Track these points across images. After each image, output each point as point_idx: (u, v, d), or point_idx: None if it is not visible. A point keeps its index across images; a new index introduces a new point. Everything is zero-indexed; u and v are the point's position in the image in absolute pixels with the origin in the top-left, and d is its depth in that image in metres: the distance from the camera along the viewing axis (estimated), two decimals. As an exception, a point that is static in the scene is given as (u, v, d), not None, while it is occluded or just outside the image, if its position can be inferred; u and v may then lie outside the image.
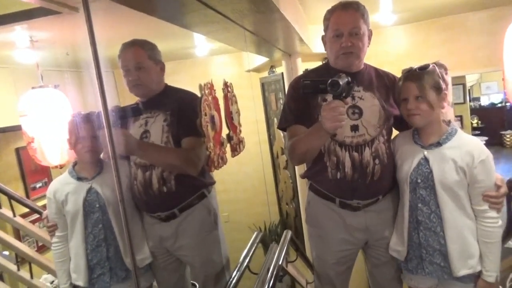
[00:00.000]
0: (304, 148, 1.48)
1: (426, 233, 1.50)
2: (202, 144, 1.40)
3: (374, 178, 1.53)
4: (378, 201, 1.59)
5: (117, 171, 0.78)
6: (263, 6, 1.63)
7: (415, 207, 1.51)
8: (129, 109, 1.50)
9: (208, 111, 1.33)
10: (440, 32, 4.47)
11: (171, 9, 1.53)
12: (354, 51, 1.51)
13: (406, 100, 1.47)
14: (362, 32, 1.51)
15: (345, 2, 1.54)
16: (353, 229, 1.60)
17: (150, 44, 1.72)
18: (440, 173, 1.45)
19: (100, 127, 1.47)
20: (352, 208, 1.58)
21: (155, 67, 1.71)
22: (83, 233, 1.70)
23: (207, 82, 1.38)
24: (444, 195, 1.45)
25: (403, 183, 1.53)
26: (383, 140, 1.57)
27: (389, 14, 3.79)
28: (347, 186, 1.53)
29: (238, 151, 1.62)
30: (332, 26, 1.52)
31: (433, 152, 1.49)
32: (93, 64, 0.69)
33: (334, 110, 1.29)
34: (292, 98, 1.61)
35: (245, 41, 2.33)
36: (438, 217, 1.48)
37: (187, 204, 1.69)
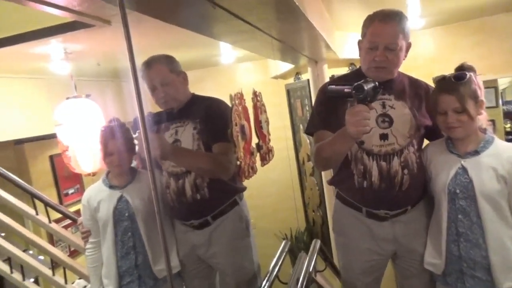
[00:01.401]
0: (328, 153, 1.46)
1: (467, 245, 1.44)
2: (233, 149, 1.43)
3: (403, 188, 1.50)
4: (406, 211, 1.56)
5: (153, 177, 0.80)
6: (290, 15, 1.63)
7: (455, 219, 1.46)
8: (164, 114, 1.55)
9: (238, 121, 1.34)
10: (469, 35, 4.34)
11: (200, 21, 1.55)
12: (386, 66, 1.48)
13: (444, 113, 1.42)
14: (399, 47, 1.46)
15: (387, 13, 1.47)
16: (380, 239, 1.57)
17: (168, 58, 1.76)
18: (480, 183, 1.40)
19: (135, 133, 1.52)
20: (379, 218, 1.55)
21: (178, 79, 1.75)
22: (113, 240, 1.75)
23: (237, 92, 1.39)
24: (486, 205, 1.40)
25: (440, 194, 1.48)
26: (413, 150, 1.53)
27: (417, 18, 3.73)
28: (373, 196, 1.50)
29: (267, 160, 1.63)
30: (369, 37, 1.48)
31: (471, 161, 1.44)
32: (131, 72, 0.71)
33: (357, 114, 1.26)
34: (321, 104, 1.60)
35: (272, 49, 2.34)
36: (480, 228, 1.42)
37: (220, 211, 1.71)
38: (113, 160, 1.74)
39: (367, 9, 3.02)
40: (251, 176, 1.47)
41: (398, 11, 1.48)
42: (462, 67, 1.48)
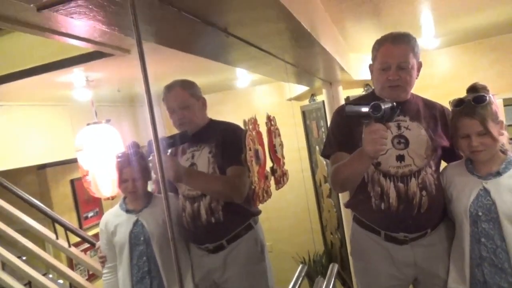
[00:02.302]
0: (346, 173, 1.45)
1: (492, 270, 1.39)
2: (246, 172, 1.44)
3: (421, 210, 1.47)
4: (426, 234, 1.52)
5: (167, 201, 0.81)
6: (304, 41, 1.67)
7: (478, 242, 1.41)
8: (178, 136, 1.59)
9: (252, 146, 1.36)
10: (487, 54, 4.31)
11: (214, 49, 1.61)
12: (400, 84, 1.49)
13: (467, 137, 1.40)
14: (411, 66, 1.49)
15: (396, 35, 1.52)
16: (400, 263, 1.53)
17: (189, 83, 1.82)
18: (504, 205, 1.36)
19: (150, 156, 1.56)
20: (398, 242, 1.52)
21: (197, 103, 1.80)
22: (129, 265, 1.76)
23: (251, 118, 1.42)
24: (510, 228, 1.36)
25: (462, 216, 1.44)
26: (431, 171, 1.52)
27: (431, 38, 3.73)
28: (392, 218, 1.48)
29: (282, 183, 1.64)
30: (380, 58, 1.51)
31: (493, 182, 1.40)
32: (146, 98, 0.74)
33: (375, 133, 1.26)
34: (337, 125, 1.61)
35: (286, 73, 2.37)
36: (505, 252, 1.37)
37: (234, 235, 1.71)
38: (128, 187, 1.78)
39: (380, 31, 3.04)
40: (265, 200, 1.47)
41: (406, 32, 1.52)
42: (474, 87, 1.47)
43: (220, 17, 1.18)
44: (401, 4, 2.41)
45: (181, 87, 1.78)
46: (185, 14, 1.08)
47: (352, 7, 2.31)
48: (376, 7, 2.42)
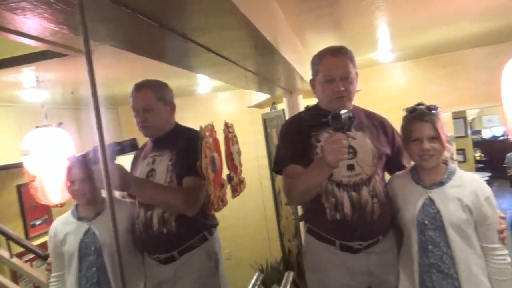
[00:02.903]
0: (304, 185, 1.46)
1: (439, 276, 1.45)
2: (202, 186, 1.38)
3: (374, 217, 1.51)
4: (379, 241, 1.56)
5: (112, 209, 0.77)
6: (264, 50, 1.67)
7: (425, 249, 1.47)
8: (127, 143, 1.51)
9: (208, 153, 1.33)
10: (440, 69, 4.55)
11: (174, 54, 1.57)
12: (346, 95, 1.54)
13: (418, 140, 1.45)
14: (352, 76, 1.55)
15: (334, 48, 1.58)
16: (355, 272, 1.55)
17: (160, 86, 1.74)
18: (448, 213, 1.43)
19: (96, 163, 1.46)
20: (353, 251, 1.54)
21: (164, 108, 1.72)
22: (77, 276, 1.67)
23: (207, 124, 1.39)
24: (454, 235, 1.43)
25: (409, 225, 1.50)
26: (379, 178, 1.57)
27: (387, 52, 3.88)
28: (347, 227, 1.50)
29: (238, 191, 1.61)
30: (323, 72, 1.55)
31: (437, 192, 1.47)
32: (92, 100, 0.71)
33: (336, 142, 1.28)
34: (287, 139, 1.63)
35: (246, 81, 2.37)
36: (451, 258, 1.44)
37: (187, 246, 1.65)
38: (74, 189, 1.68)
39: (340, 43, 3.13)
40: (220, 209, 1.44)
41: (342, 45, 1.59)
42: (421, 104, 1.54)
43: (178, 22, 1.15)
44: (359, 18, 2.49)
45: (150, 89, 1.70)
46: (141, 16, 1.04)
47: (312, 19, 2.35)
48: (335, 20, 2.49)
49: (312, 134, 1.57)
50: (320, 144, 1.55)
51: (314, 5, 2.06)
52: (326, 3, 2.07)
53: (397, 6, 2.32)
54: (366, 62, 4.41)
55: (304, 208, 1.64)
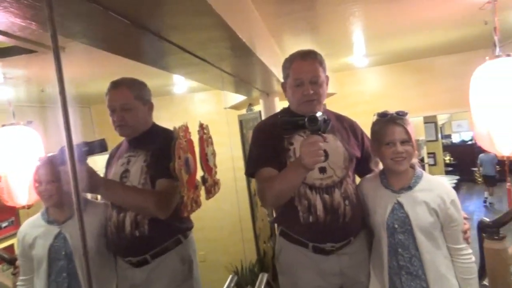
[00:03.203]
0: (280, 187, 1.46)
1: (408, 278, 1.48)
2: (175, 188, 1.35)
3: (346, 219, 1.53)
4: (350, 243, 1.58)
5: (79, 212, 0.75)
6: (240, 51, 1.67)
7: (395, 252, 1.50)
8: (96, 144, 1.46)
9: (182, 155, 1.32)
10: (412, 74, 4.68)
11: (148, 53, 1.55)
12: (315, 98, 1.55)
13: (391, 143, 1.47)
14: (322, 79, 1.57)
15: (303, 52, 1.60)
16: (327, 274, 1.57)
17: (138, 84, 1.70)
18: (416, 216, 1.46)
19: (63, 164, 1.40)
20: (325, 252, 1.55)
21: (142, 108, 1.68)
22: (46, 281, 1.61)
23: (182, 125, 1.37)
24: (422, 238, 1.46)
25: (380, 228, 1.52)
26: (350, 181, 1.60)
27: (361, 57, 3.96)
28: (320, 229, 1.51)
29: (213, 193, 1.60)
30: (293, 75, 1.57)
31: (405, 196, 1.50)
32: (60, 98, 0.69)
33: (313, 145, 1.29)
34: (259, 142, 1.62)
35: (222, 82, 2.36)
36: (419, 261, 1.47)
37: (160, 250, 1.61)
38: (42, 190, 1.62)
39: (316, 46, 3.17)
40: (194, 211, 1.42)
41: (312, 49, 1.61)
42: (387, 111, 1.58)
43: (152, 21, 1.14)
44: (335, 23, 2.53)
45: (127, 87, 1.65)
46: (113, 14, 1.02)
47: (289, 22, 2.37)
48: (311, 24, 2.52)
49: (284, 137, 1.57)
50: (292, 147, 1.56)
51: (291, 9, 2.08)
52: (303, 7, 2.10)
53: (371, 13, 2.37)
54: (341, 66, 4.48)
55: (277, 211, 1.64)
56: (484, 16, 2.40)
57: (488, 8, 2.29)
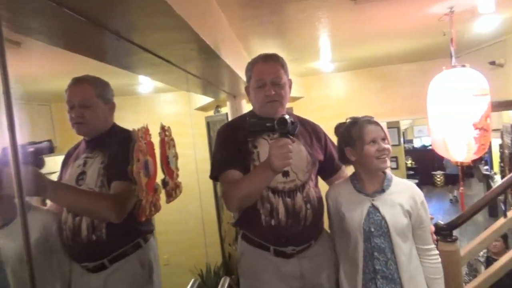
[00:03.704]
0: (246, 190, 1.44)
1: (384, 282, 1.49)
2: (132, 191, 1.28)
3: (307, 223, 1.54)
4: (311, 246, 1.60)
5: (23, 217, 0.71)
6: (204, 53, 1.66)
7: (371, 256, 1.50)
8: (42, 146, 1.40)
9: (141, 157, 1.28)
10: (375, 81, 4.82)
11: (108, 52, 1.50)
12: (277, 99, 1.56)
13: (374, 142, 1.48)
14: (283, 81, 1.58)
15: (265, 55, 1.61)
16: (288, 277, 1.57)
17: (102, 83, 1.65)
18: (392, 219, 1.48)
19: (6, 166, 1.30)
20: (286, 256, 1.56)
21: (103, 107, 1.63)
22: None
23: (141, 127, 1.34)
24: (399, 240, 1.48)
25: (356, 233, 1.51)
26: (313, 184, 1.61)
27: (327, 63, 4.03)
28: (281, 233, 1.52)
29: (173, 196, 1.56)
30: (255, 77, 1.58)
31: (380, 199, 1.52)
32: (4, 98, 0.65)
33: (283, 147, 1.29)
34: (223, 144, 1.61)
35: (188, 83, 2.33)
36: (394, 263, 1.49)
37: (118, 254, 1.56)
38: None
39: (283, 50, 3.20)
40: (153, 214, 1.38)
41: (274, 53, 1.63)
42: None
43: (109, 20, 1.10)
44: (301, 28, 2.57)
45: (90, 84, 1.60)
46: (67, 11, 0.98)
47: (256, 26, 2.38)
48: (278, 28, 2.54)
49: (248, 140, 1.57)
50: (256, 150, 1.56)
51: (257, 12, 2.09)
52: (269, 11, 2.11)
53: (337, 19, 2.42)
54: (308, 71, 4.55)
55: (239, 214, 1.63)
56: (442, 27, 2.51)
57: (446, 19, 2.40)
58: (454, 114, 2.21)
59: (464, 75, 2.27)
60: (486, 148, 2.31)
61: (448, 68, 2.36)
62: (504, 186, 2.07)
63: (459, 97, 2.20)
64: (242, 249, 1.64)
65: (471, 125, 2.19)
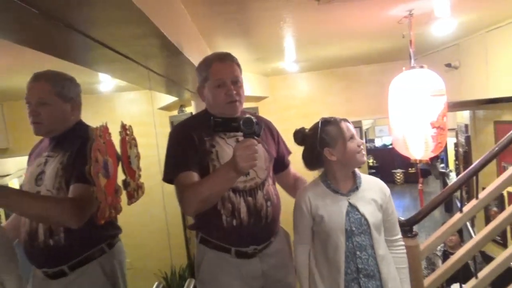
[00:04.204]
0: (208, 193, 1.38)
1: (366, 280, 1.50)
2: (91, 193, 1.21)
3: (268, 220, 1.54)
4: (271, 243, 1.59)
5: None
6: (166, 50, 1.61)
7: (353, 255, 1.50)
8: None
9: (100, 157, 1.23)
10: (338, 81, 4.93)
11: (65, 48, 1.42)
12: (238, 99, 1.55)
13: (352, 138, 1.50)
14: (241, 81, 1.58)
15: (221, 54, 1.59)
16: (250, 278, 1.55)
17: (61, 79, 1.57)
18: (370, 215, 1.51)
19: None
20: (248, 256, 1.54)
21: (63, 105, 1.55)
22: None
23: (100, 125, 1.28)
24: (377, 235, 1.51)
25: (337, 234, 1.49)
26: (271, 181, 1.62)
27: (292, 63, 4.07)
28: (243, 233, 1.50)
29: (135, 197, 1.51)
30: (214, 77, 1.54)
31: (355, 197, 1.53)
32: None
33: (248, 148, 1.26)
34: (179, 145, 1.54)
35: (150, 81, 2.27)
36: (374, 259, 1.51)
37: (79, 260, 1.48)
38: None
39: (249, 49, 3.19)
40: (113, 217, 1.32)
41: (228, 52, 1.60)
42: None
43: (64, 12, 1.04)
44: (266, 27, 2.56)
45: (46, 80, 1.52)
46: (18, 1, 0.91)
47: (220, 23, 2.35)
48: (243, 27, 2.52)
49: (205, 140, 1.53)
50: (215, 150, 1.52)
51: (221, 9, 2.06)
52: (234, 9, 2.09)
53: (300, 20, 2.44)
54: (273, 71, 4.57)
55: (197, 216, 1.56)
56: (402, 29, 2.59)
57: (405, 22, 2.48)
58: (413, 114, 2.29)
59: (422, 76, 2.36)
60: (443, 146, 2.41)
61: (407, 69, 2.44)
62: (460, 183, 2.17)
63: (417, 97, 2.28)
64: (202, 255, 1.58)
65: (428, 124, 2.28)
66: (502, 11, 2.58)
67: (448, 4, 2.37)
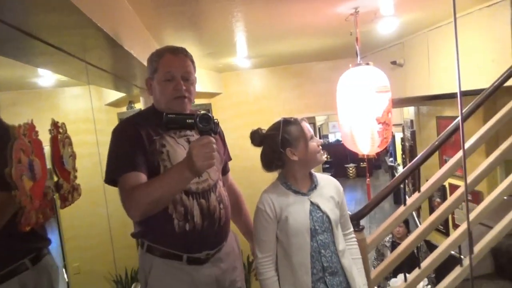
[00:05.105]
0: (158, 194, 1.28)
1: (331, 278, 1.50)
2: (8, 198, 1.04)
3: (221, 223, 1.49)
4: (222, 247, 1.54)
5: None
6: (103, 42, 1.51)
7: (319, 254, 1.49)
8: None
9: (24, 158, 1.12)
10: (291, 78, 4.96)
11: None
12: (187, 95, 1.47)
13: (312, 137, 1.52)
14: (193, 78, 1.51)
15: (174, 47, 1.50)
16: (202, 284, 1.47)
17: None
18: (331, 213, 1.52)
19: None
20: (200, 262, 1.45)
21: None
22: None
23: (25, 123, 1.16)
24: (337, 231, 1.53)
25: (303, 235, 1.47)
26: (222, 183, 1.58)
27: (244, 59, 4.03)
28: (196, 237, 1.42)
29: (70, 200, 1.40)
30: (164, 69, 1.45)
31: (315, 195, 1.53)
32: None
33: (206, 146, 1.19)
34: (123, 144, 1.42)
35: (88, 76, 2.13)
36: (336, 255, 1.52)
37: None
38: None
39: (199, 43, 3.10)
40: (41, 223, 1.21)
41: (183, 47, 1.52)
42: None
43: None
44: (216, 21, 2.50)
45: None
46: None
47: (168, 16, 2.26)
48: (192, 20, 2.44)
49: (155, 139, 1.43)
50: (165, 149, 1.43)
51: (167, 1, 1.97)
52: (180, 1, 2.01)
53: (251, 14, 2.40)
54: (226, 67, 4.52)
55: (141, 222, 1.43)
56: (349, 27, 2.63)
57: (351, 20, 2.52)
58: (359, 109, 2.33)
59: (368, 72, 2.41)
60: (388, 141, 2.48)
61: (354, 66, 2.48)
62: (403, 176, 2.24)
63: (363, 93, 2.33)
64: (150, 265, 1.44)
65: (374, 120, 2.33)
66: (443, 11, 2.69)
67: (392, 3, 2.43)
